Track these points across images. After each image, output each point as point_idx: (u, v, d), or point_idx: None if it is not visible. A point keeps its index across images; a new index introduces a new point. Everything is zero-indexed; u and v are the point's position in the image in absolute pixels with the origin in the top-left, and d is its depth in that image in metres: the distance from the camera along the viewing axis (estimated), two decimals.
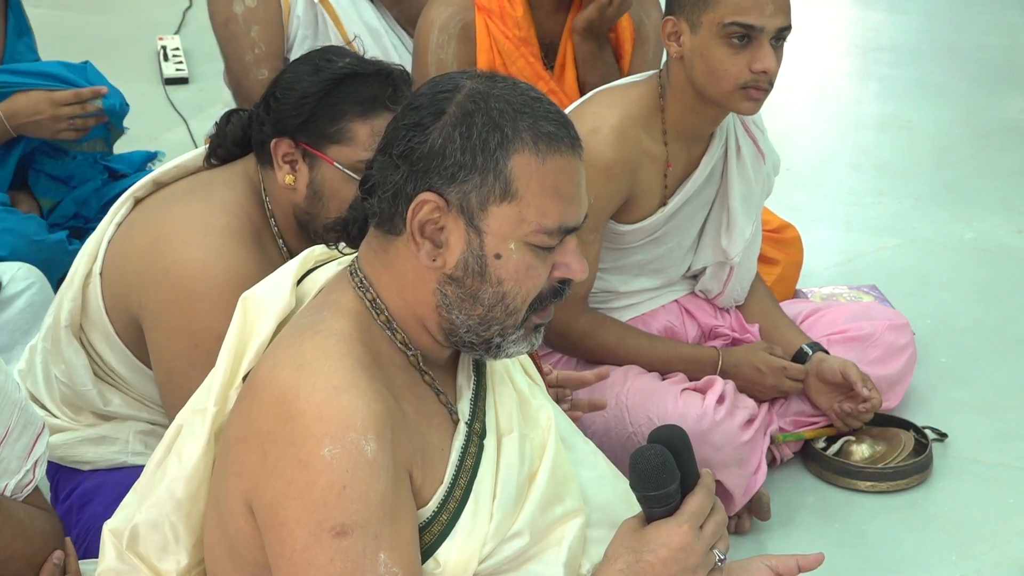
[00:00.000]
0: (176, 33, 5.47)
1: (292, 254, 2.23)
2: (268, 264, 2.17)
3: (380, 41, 3.46)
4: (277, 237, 2.26)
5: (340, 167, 2.14)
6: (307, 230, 2.22)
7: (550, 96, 3.01)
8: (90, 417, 2.37)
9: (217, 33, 3.33)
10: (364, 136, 2.13)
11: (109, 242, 2.26)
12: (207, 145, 2.33)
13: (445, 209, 1.58)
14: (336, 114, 2.14)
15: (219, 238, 2.15)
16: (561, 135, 1.60)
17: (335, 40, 3.43)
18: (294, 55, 3.46)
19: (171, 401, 2.19)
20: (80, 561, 1.96)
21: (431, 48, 3.12)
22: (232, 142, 2.28)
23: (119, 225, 2.27)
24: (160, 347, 2.19)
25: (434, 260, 1.60)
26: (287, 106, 2.16)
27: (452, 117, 1.58)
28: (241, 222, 2.19)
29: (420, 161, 1.58)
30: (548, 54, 3.19)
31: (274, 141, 2.18)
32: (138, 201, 2.30)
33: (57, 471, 2.43)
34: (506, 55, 3.11)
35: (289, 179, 2.18)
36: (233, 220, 2.18)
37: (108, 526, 1.79)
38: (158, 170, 2.33)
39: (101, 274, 2.25)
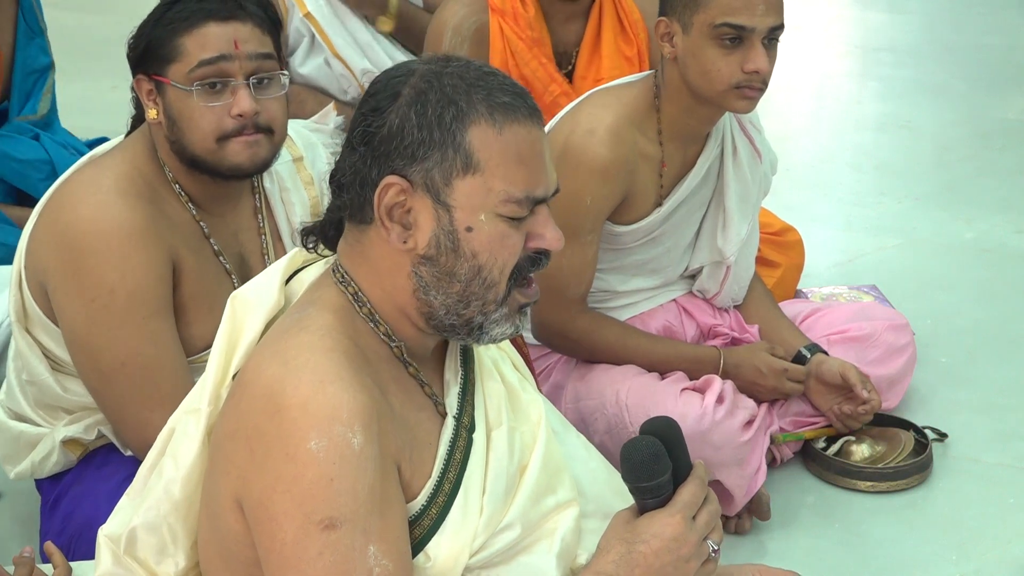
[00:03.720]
0: None
1: (192, 199, 2.28)
2: (163, 214, 2.22)
3: (372, 51, 3.47)
4: (173, 183, 2.27)
5: (176, 84, 2.16)
6: (189, 164, 2.23)
7: (562, 98, 3.05)
8: (63, 416, 2.39)
9: None
10: (192, 47, 2.15)
11: (30, 232, 2.30)
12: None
13: (410, 190, 1.59)
14: (167, 35, 2.16)
15: (107, 195, 2.19)
16: (517, 104, 1.60)
17: (328, 52, 3.44)
18: (295, 60, 3.48)
19: (79, 359, 2.24)
20: (71, 563, 1.96)
21: (444, 50, 3.11)
22: (138, 119, 2.33)
23: (39, 215, 2.30)
24: (61, 308, 2.22)
25: (405, 242, 1.61)
26: (133, 41, 2.21)
27: (407, 98, 1.59)
28: (131, 178, 2.21)
29: (380, 144, 1.59)
30: (561, 62, 3.18)
31: (134, 81, 2.23)
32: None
33: (40, 479, 2.45)
34: (519, 56, 3.11)
35: (152, 114, 2.21)
36: (121, 177, 2.21)
37: (104, 531, 1.79)
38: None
39: (25, 266, 2.28)
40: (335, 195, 1.66)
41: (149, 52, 2.18)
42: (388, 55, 3.49)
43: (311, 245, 1.74)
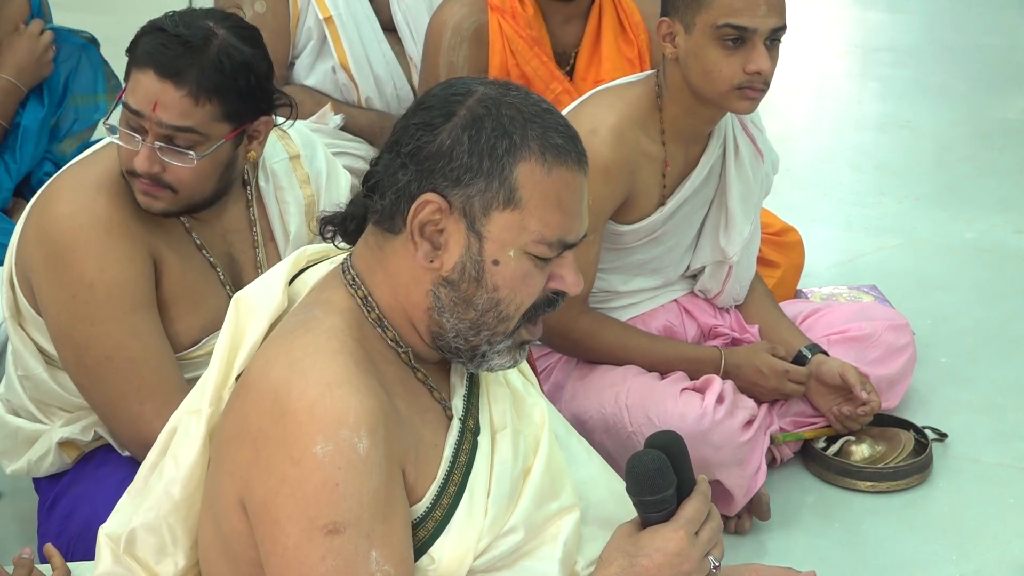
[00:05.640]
0: None
1: None
2: (140, 213, 2.21)
3: (379, 69, 3.45)
4: None
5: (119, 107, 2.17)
6: None
7: (564, 96, 3.04)
8: (60, 414, 2.39)
9: None
10: (130, 86, 2.13)
11: (20, 229, 2.30)
12: None
13: (447, 211, 1.58)
14: (130, 59, 2.14)
15: (87, 191, 2.19)
16: (569, 149, 1.60)
17: (336, 56, 3.42)
18: (301, 63, 3.46)
19: (65, 356, 2.25)
20: (70, 563, 1.96)
21: (443, 50, 3.11)
22: None
23: (27, 212, 2.31)
24: (45, 304, 2.23)
25: (431, 261, 1.60)
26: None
27: (462, 119, 1.58)
28: (114, 175, 2.20)
29: (427, 161, 1.58)
30: (560, 63, 3.18)
31: None
32: None
33: (40, 477, 2.45)
34: (519, 55, 3.10)
35: None
36: (105, 174, 2.20)
37: (104, 530, 1.79)
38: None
39: (15, 264, 2.29)
40: (366, 196, 1.65)
41: None
42: (394, 78, 3.47)
43: (328, 235, 1.74)
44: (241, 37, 2.15)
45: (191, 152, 2.12)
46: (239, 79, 2.12)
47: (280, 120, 2.29)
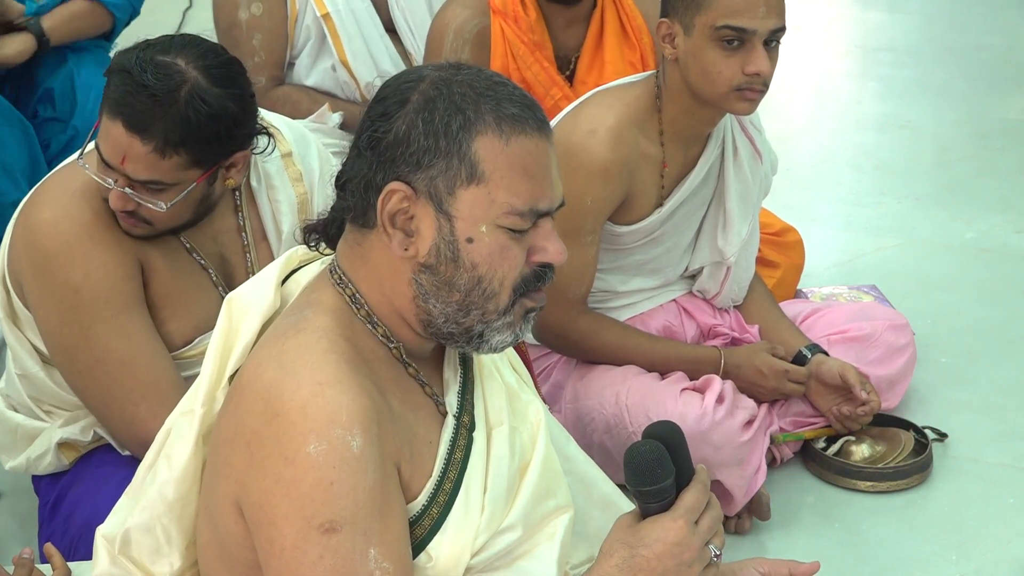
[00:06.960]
0: None
1: None
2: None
3: (383, 65, 3.45)
4: None
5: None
6: None
7: (563, 102, 3.05)
8: (59, 413, 2.40)
9: (219, 38, 3.31)
10: (101, 128, 2.11)
11: (10, 232, 2.31)
12: None
13: (413, 198, 1.58)
14: (103, 100, 2.12)
15: (71, 198, 2.20)
16: (526, 116, 1.60)
17: (335, 54, 3.41)
18: (301, 63, 3.46)
19: (58, 360, 2.26)
20: (70, 563, 1.96)
21: (444, 52, 3.11)
22: None
23: (16, 215, 2.31)
24: (35, 309, 2.25)
25: (406, 250, 1.60)
26: None
27: (415, 104, 1.59)
28: (97, 181, 2.19)
29: (387, 150, 1.59)
30: (561, 67, 3.18)
31: None
32: None
33: (40, 477, 2.46)
34: (520, 60, 3.10)
35: None
36: (88, 180, 2.19)
37: (101, 531, 1.79)
38: None
39: (7, 267, 2.30)
40: (339, 196, 1.66)
41: None
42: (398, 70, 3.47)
43: (313, 243, 1.74)
44: (213, 78, 2.09)
45: (160, 201, 2.12)
46: (206, 129, 2.09)
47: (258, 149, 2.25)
